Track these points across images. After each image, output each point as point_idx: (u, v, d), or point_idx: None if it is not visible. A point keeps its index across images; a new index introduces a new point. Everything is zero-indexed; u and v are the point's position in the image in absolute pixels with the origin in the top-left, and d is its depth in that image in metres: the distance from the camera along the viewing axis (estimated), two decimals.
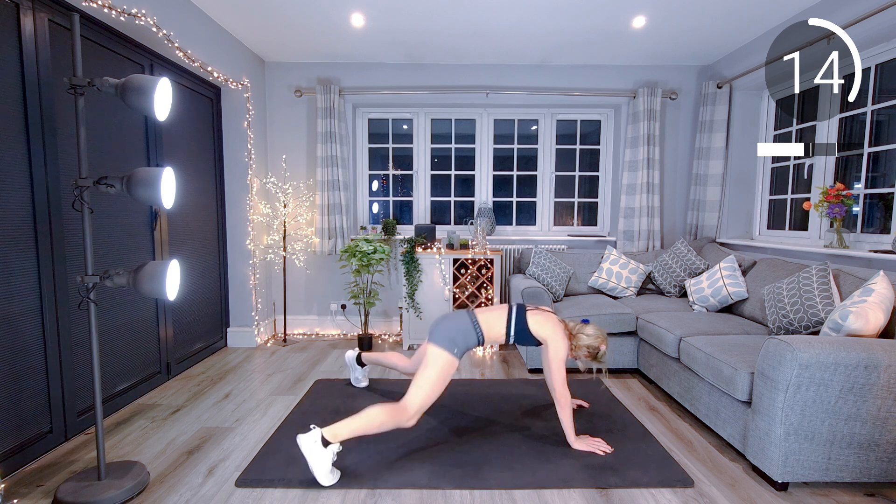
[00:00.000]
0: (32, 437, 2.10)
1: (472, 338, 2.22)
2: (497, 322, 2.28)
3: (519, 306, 2.32)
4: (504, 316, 2.29)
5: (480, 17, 3.24)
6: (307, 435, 1.92)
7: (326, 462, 1.89)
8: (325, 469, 1.89)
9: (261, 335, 4.00)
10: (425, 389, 2.07)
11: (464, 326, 2.22)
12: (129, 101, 1.79)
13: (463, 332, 2.21)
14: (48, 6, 2.14)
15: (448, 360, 2.13)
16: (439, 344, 2.15)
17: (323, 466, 1.89)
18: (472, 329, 2.23)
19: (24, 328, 2.05)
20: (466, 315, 2.28)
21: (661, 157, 4.21)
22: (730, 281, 3.12)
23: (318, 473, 1.88)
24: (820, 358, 1.81)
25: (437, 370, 2.10)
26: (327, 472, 1.90)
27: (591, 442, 2.20)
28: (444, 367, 2.12)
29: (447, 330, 2.20)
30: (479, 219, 4.17)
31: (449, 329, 2.20)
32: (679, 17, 3.21)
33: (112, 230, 2.57)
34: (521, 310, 2.30)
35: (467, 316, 2.28)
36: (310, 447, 1.90)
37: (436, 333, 2.20)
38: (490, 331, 2.26)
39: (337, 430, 1.95)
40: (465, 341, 2.20)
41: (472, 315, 2.28)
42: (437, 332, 2.20)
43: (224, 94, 3.73)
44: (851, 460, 1.87)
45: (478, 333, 2.23)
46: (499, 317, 2.29)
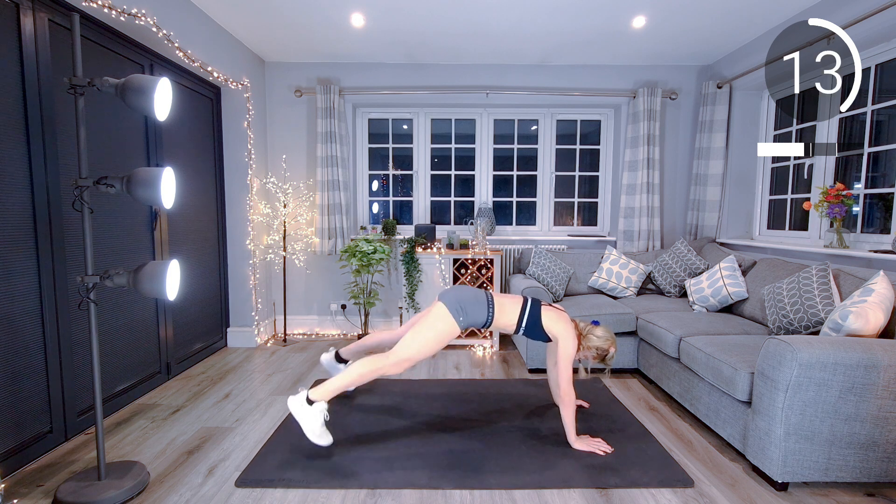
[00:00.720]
0: (32, 437, 2.10)
1: (482, 314, 2.23)
2: (511, 309, 2.29)
3: (534, 300, 2.34)
4: (518, 305, 2.31)
5: (480, 17, 3.24)
6: (295, 397, 2.03)
7: (314, 421, 1.98)
8: (313, 428, 1.99)
9: (261, 335, 4.00)
10: (417, 341, 2.10)
11: (477, 299, 2.24)
12: (129, 101, 1.79)
13: (475, 305, 2.22)
14: (48, 6, 2.14)
15: (450, 324, 2.14)
16: (447, 304, 2.17)
17: (311, 425, 1.98)
18: (486, 306, 2.24)
19: (24, 328, 2.05)
20: (483, 292, 2.31)
21: (661, 157, 4.21)
22: (730, 281, 3.12)
23: (310, 433, 1.98)
24: (820, 358, 1.81)
25: (436, 330, 2.12)
26: (317, 432, 2.00)
27: (591, 442, 2.20)
28: (444, 330, 2.13)
29: (461, 295, 2.23)
30: (479, 219, 4.17)
31: (463, 295, 2.23)
32: (679, 17, 3.21)
33: (112, 230, 2.57)
34: (536, 303, 2.32)
35: (484, 293, 2.30)
36: (298, 408, 2.01)
37: (449, 295, 2.23)
38: (501, 315, 2.27)
39: (322, 389, 2.05)
40: (475, 314, 2.21)
41: (489, 295, 2.30)
42: (451, 295, 2.23)
43: (224, 94, 3.73)
44: (851, 460, 1.87)
45: (489, 312, 2.24)
46: (513, 305, 2.31)
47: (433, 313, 2.19)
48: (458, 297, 2.22)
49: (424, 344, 2.11)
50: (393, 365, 2.07)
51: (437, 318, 2.16)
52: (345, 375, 2.10)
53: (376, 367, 2.07)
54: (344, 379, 2.09)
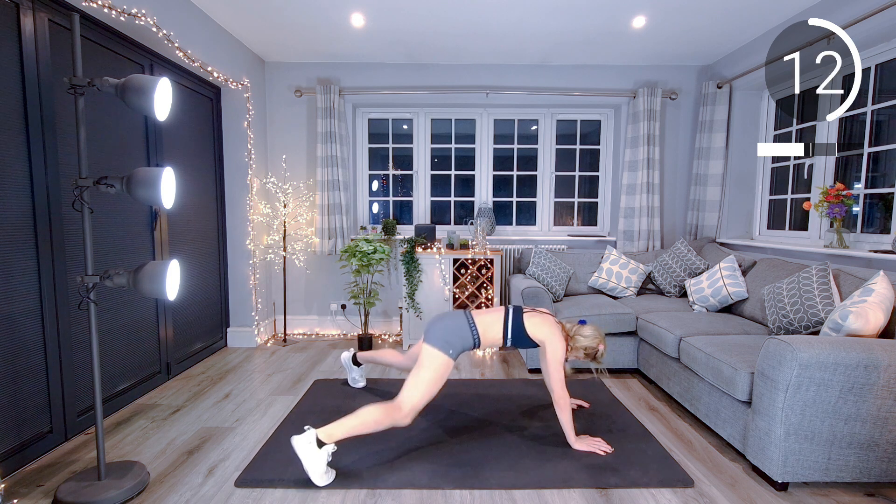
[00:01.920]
0: (32, 437, 2.10)
1: (469, 339, 2.20)
2: (494, 325, 2.26)
3: (515, 308, 2.31)
4: (500, 319, 2.27)
5: (480, 17, 3.24)
6: (301, 436, 1.92)
7: (321, 463, 1.89)
8: (319, 470, 1.89)
9: (261, 335, 4.00)
10: (420, 389, 2.07)
11: (459, 328, 2.20)
12: (129, 101, 1.79)
13: (458, 334, 2.19)
14: (48, 6, 2.14)
15: (443, 361, 2.11)
16: (434, 344, 2.14)
17: (317, 467, 1.89)
18: (469, 330, 2.21)
19: (24, 328, 2.05)
20: (463, 316, 2.26)
21: (661, 157, 4.21)
22: (730, 281, 3.12)
23: (313, 474, 1.88)
24: (820, 358, 1.81)
25: (431, 371, 2.09)
26: (322, 473, 1.90)
27: (591, 442, 2.20)
28: (439, 368, 2.10)
29: (442, 331, 2.18)
30: (479, 219, 4.17)
31: (444, 329, 2.18)
32: (679, 17, 3.21)
33: (112, 230, 2.57)
34: (517, 312, 2.28)
35: (464, 317, 2.25)
36: (304, 448, 1.90)
37: (431, 333, 2.18)
38: (486, 333, 2.24)
39: (331, 431, 1.95)
40: (462, 343, 2.18)
41: (469, 316, 2.26)
42: (432, 333, 2.18)
43: (224, 94, 3.73)
44: (851, 460, 1.87)
45: (474, 336, 2.21)
46: (495, 319, 2.27)
47: (424, 358, 2.12)
48: (440, 332, 2.17)
49: (427, 388, 2.08)
50: (404, 417, 2.03)
51: (428, 360, 2.11)
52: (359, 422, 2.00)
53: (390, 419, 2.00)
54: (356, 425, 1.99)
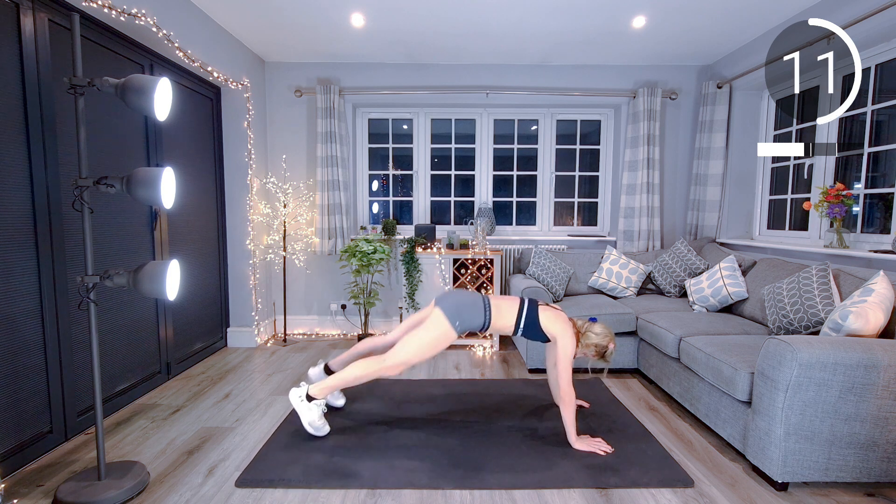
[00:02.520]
0: (32, 437, 2.10)
1: (479, 317, 2.24)
2: (508, 311, 2.30)
3: (531, 300, 2.35)
4: (516, 307, 2.31)
5: (480, 17, 3.24)
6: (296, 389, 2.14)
7: (313, 415, 2.09)
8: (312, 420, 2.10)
9: (261, 335, 4.00)
10: (414, 346, 2.14)
11: (475, 303, 2.26)
12: (129, 101, 1.79)
13: (471, 309, 2.23)
14: (48, 6, 2.14)
15: (446, 329, 2.16)
16: (444, 310, 2.19)
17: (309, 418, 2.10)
18: (483, 309, 2.25)
19: (24, 328, 2.05)
20: (480, 296, 2.32)
21: (661, 157, 4.21)
22: (730, 281, 3.12)
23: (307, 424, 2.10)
24: (820, 358, 1.81)
25: (432, 333, 2.14)
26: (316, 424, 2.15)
27: (591, 442, 2.20)
28: (441, 334, 2.15)
29: (457, 300, 2.24)
30: (479, 219, 4.17)
31: (459, 300, 2.25)
32: (679, 17, 3.21)
33: (112, 230, 2.57)
34: (533, 304, 2.33)
35: (481, 297, 2.31)
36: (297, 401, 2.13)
37: (446, 300, 2.25)
38: (499, 318, 2.28)
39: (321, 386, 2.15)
40: (471, 318, 2.22)
41: (486, 298, 2.32)
42: (447, 299, 2.25)
43: (224, 94, 3.73)
44: (851, 460, 1.87)
45: (486, 316, 2.25)
46: (510, 307, 2.31)
47: (430, 318, 2.20)
48: (455, 301, 2.23)
49: (421, 348, 2.14)
50: (390, 367, 2.11)
51: (434, 323, 2.17)
52: (344, 374, 2.17)
53: (374, 369, 2.12)
54: (343, 378, 2.16)
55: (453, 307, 2.20)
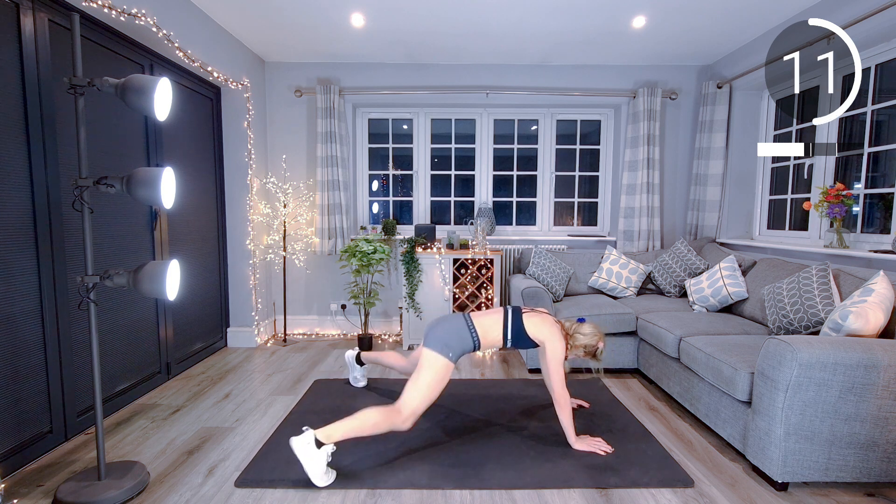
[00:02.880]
0: (32, 437, 2.10)
1: (468, 342, 2.20)
2: (493, 326, 2.26)
3: (514, 309, 2.31)
4: (500, 320, 2.27)
5: (480, 17, 3.24)
6: (300, 437, 1.92)
7: (321, 463, 1.89)
8: (319, 470, 1.89)
9: (261, 335, 4.00)
10: (420, 392, 2.07)
11: (459, 330, 2.21)
12: (129, 101, 1.79)
13: (458, 336, 2.19)
14: (48, 6, 2.14)
15: (443, 364, 2.12)
16: (433, 348, 2.14)
17: (317, 468, 1.89)
18: (468, 333, 2.21)
19: (24, 328, 2.05)
20: (462, 319, 2.26)
21: (661, 157, 4.21)
22: (730, 281, 3.12)
23: (313, 475, 1.88)
24: (820, 358, 1.81)
25: (431, 374, 2.09)
26: (322, 473, 1.90)
27: (591, 442, 2.20)
28: (439, 372, 2.11)
29: (442, 334, 2.18)
30: (479, 219, 4.17)
31: (444, 333, 2.19)
32: (679, 17, 3.21)
33: (112, 230, 2.57)
34: (516, 312, 2.29)
35: (463, 320, 2.26)
36: (303, 449, 1.89)
37: (430, 337, 2.19)
38: (486, 334, 2.24)
39: (330, 432, 1.95)
40: (461, 345, 2.19)
41: (469, 319, 2.26)
42: (432, 336, 2.18)
43: (224, 94, 3.73)
44: (851, 460, 1.87)
45: (473, 338, 2.21)
46: (495, 321, 2.27)
47: (424, 362, 2.13)
48: (439, 336, 2.17)
49: (428, 392, 2.08)
50: (405, 421, 2.04)
51: (429, 364, 2.12)
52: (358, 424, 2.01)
53: (389, 423, 2.01)
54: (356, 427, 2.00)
55: (440, 343, 2.15)
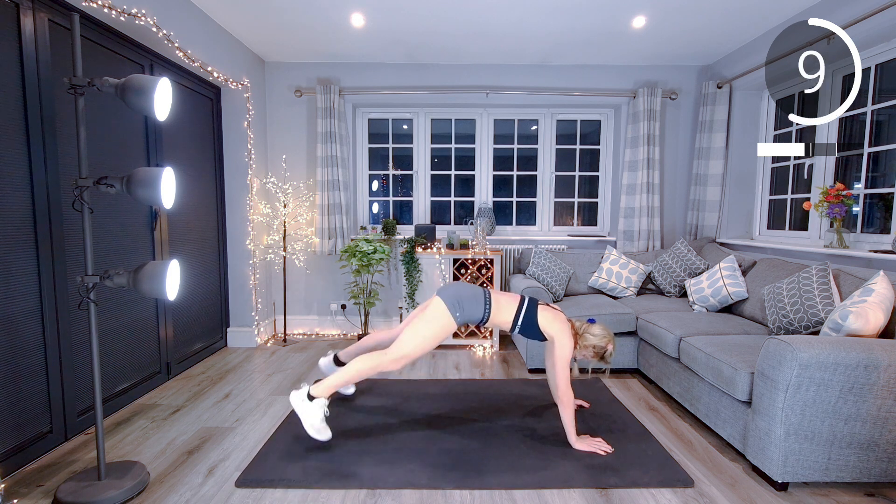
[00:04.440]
0: (32, 437, 2.10)
1: (479, 310, 2.24)
2: (507, 307, 2.30)
3: (532, 299, 2.34)
4: (515, 304, 2.31)
5: (480, 17, 3.24)
6: (297, 391, 2.06)
7: (315, 416, 2.00)
8: (313, 422, 2.02)
9: (261, 335, 4.00)
10: (415, 338, 2.11)
11: (475, 296, 2.26)
12: (129, 101, 1.79)
13: (472, 301, 2.23)
14: (48, 6, 2.14)
15: (447, 320, 2.16)
16: (445, 299, 2.19)
17: (311, 420, 2.00)
18: (483, 302, 2.25)
19: (24, 328, 2.05)
20: (481, 289, 2.32)
21: (661, 157, 4.21)
22: (730, 281, 3.12)
23: (308, 427, 2.00)
24: (820, 358, 1.81)
25: (433, 324, 2.13)
26: (317, 427, 2.02)
27: (591, 442, 2.20)
28: (441, 325, 2.14)
29: (459, 290, 2.24)
30: (479, 219, 4.17)
31: (460, 291, 2.24)
32: (679, 17, 3.21)
33: (112, 230, 2.57)
34: (532, 303, 2.32)
35: (482, 290, 2.31)
36: (299, 403, 2.03)
37: (447, 291, 2.24)
38: (498, 313, 2.28)
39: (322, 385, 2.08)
40: (471, 310, 2.22)
41: (487, 291, 2.32)
42: (449, 291, 2.24)
43: (224, 94, 3.73)
44: (851, 460, 1.87)
45: (486, 309, 2.25)
46: (510, 302, 2.31)
47: (430, 309, 2.20)
48: (456, 293, 2.23)
49: (422, 340, 2.12)
50: (392, 362, 2.09)
51: (434, 313, 2.17)
52: (344, 372, 2.13)
53: (375, 363, 2.09)
54: (343, 375, 2.12)
55: (454, 297, 2.20)
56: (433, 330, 2.13)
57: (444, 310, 2.17)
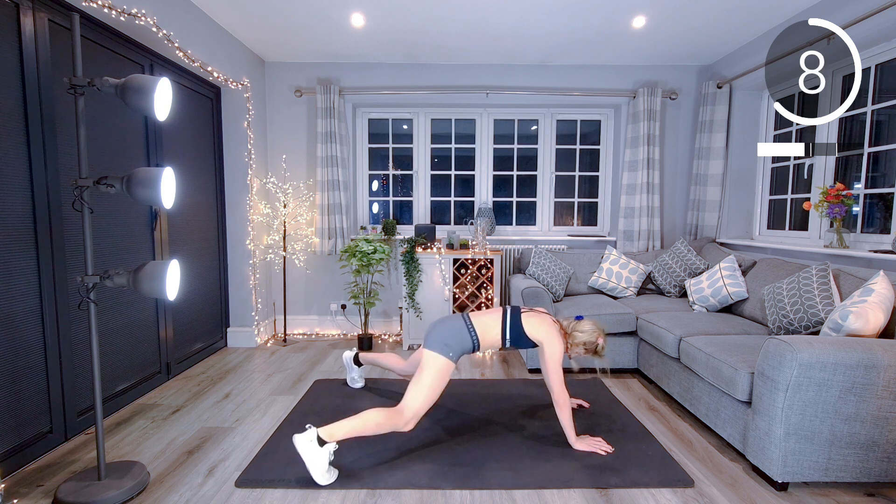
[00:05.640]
0: (32, 437, 2.10)
1: (467, 342, 2.21)
2: (492, 326, 2.26)
3: (513, 308, 2.31)
4: (499, 320, 2.28)
5: (480, 17, 3.24)
6: (303, 435, 1.92)
7: (323, 461, 1.90)
8: (321, 468, 1.89)
9: (261, 335, 4.00)
10: (422, 393, 2.08)
11: (458, 330, 2.22)
12: (129, 101, 1.79)
13: (457, 337, 2.20)
14: (48, 6, 2.14)
15: (444, 364, 2.12)
16: (433, 349, 2.15)
17: (319, 466, 1.89)
18: (467, 333, 2.22)
19: (24, 328, 2.05)
20: (461, 319, 2.27)
21: (661, 157, 4.21)
22: (730, 281, 3.12)
23: (315, 473, 1.88)
24: (820, 358, 1.81)
25: (432, 375, 2.10)
26: (324, 472, 1.90)
27: (591, 442, 2.20)
28: (440, 372, 2.11)
29: (441, 334, 2.19)
30: (479, 219, 4.17)
31: (443, 333, 2.20)
32: (679, 17, 3.21)
33: (112, 230, 2.57)
34: (515, 312, 2.29)
35: (462, 320, 2.27)
36: (306, 447, 1.90)
37: (430, 338, 2.20)
38: (485, 334, 2.25)
39: (333, 430, 1.95)
40: (461, 345, 2.19)
41: (468, 319, 2.27)
42: (432, 337, 2.20)
43: (224, 94, 3.73)
44: (851, 460, 1.87)
45: (473, 338, 2.22)
46: (494, 321, 2.28)
47: (425, 363, 2.14)
48: (439, 336, 2.19)
49: (429, 393, 2.09)
50: (408, 422, 2.04)
51: (429, 365, 2.13)
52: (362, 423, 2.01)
53: (392, 423, 2.02)
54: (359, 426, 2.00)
55: (439, 342, 2.16)
56: (435, 379, 2.11)
57: (436, 356, 2.13)
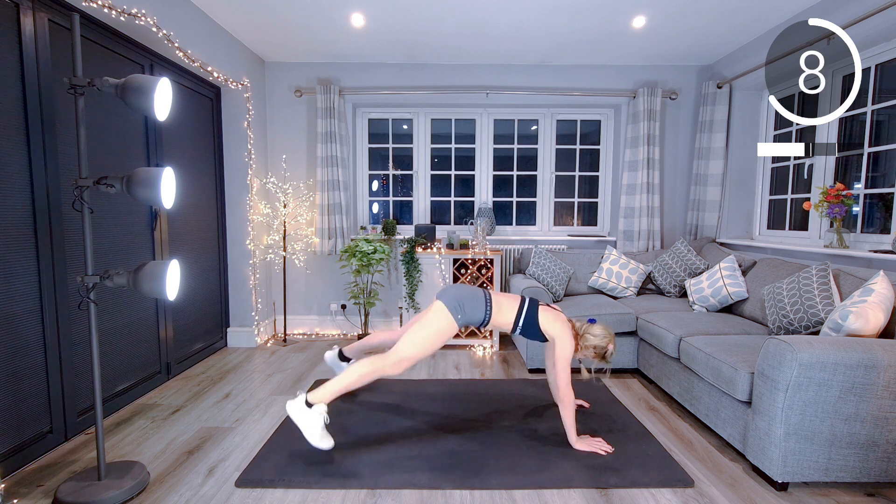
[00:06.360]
0: (32, 437, 2.10)
1: (480, 312, 2.24)
2: (508, 308, 2.30)
3: (532, 300, 2.35)
4: (516, 305, 2.31)
5: (480, 17, 3.24)
6: (294, 400, 2.00)
7: (314, 424, 1.95)
8: (316, 432, 1.95)
9: (261, 335, 4.00)
10: (417, 341, 2.10)
11: (476, 297, 2.26)
12: (129, 101, 1.79)
13: (473, 303, 2.23)
14: (48, 6, 2.14)
15: (448, 321, 2.15)
16: (446, 302, 2.18)
17: (311, 428, 1.95)
18: (484, 304, 2.25)
19: (24, 328, 2.05)
20: (482, 291, 2.32)
21: (661, 157, 4.21)
22: (730, 281, 3.12)
23: (308, 436, 1.95)
24: (820, 358, 1.81)
25: (434, 326, 2.13)
26: (318, 435, 1.96)
27: (591, 442, 2.20)
28: (443, 327, 2.14)
29: (459, 293, 2.24)
30: (479, 219, 4.17)
31: (461, 292, 2.24)
32: (679, 17, 3.21)
33: (112, 230, 2.57)
34: (533, 304, 2.33)
35: (482, 291, 2.31)
36: (297, 411, 1.98)
37: (447, 293, 2.25)
38: (499, 314, 2.28)
39: (320, 392, 2.02)
40: (472, 312, 2.22)
41: (487, 293, 2.32)
42: (449, 293, 2.25)
43: (224, 94, 3.72)
44: (851, 460, 1.87)
45: (487, 310, 2.25)
46: (511, 304, 2.31)
47: (431, 311, 2.20)
48: (457, 294, 2.24)
49: (423, 342, 2.11)
50: (392, 365, 2.07)
51: (436, 316, 2.17)
52: (344, 377, 2.09)
53: (376, 367, 2.07)
54: (343, 380, 2.08)
55: (455, 299, 2.20)
56: (434, 331, 2.13)
57: (446, 312, 2.16)
